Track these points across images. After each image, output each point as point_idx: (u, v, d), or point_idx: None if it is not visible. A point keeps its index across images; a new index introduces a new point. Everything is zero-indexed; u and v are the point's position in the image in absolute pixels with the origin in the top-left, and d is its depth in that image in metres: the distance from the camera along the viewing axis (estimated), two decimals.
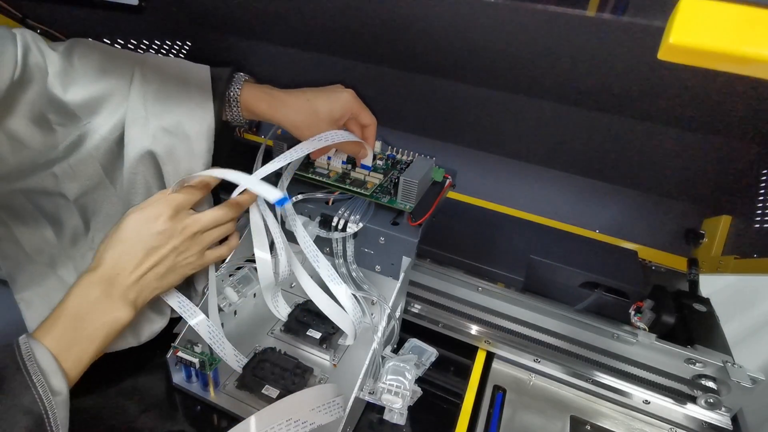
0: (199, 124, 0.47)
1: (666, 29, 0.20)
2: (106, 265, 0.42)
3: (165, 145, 0.47)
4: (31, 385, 0.35)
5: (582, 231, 0.69)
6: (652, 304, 0.55)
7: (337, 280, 0.49)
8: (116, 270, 0.42)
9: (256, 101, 0.49)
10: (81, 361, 0.40)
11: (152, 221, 0.44)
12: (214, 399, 0.48)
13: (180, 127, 0.47)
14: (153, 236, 0.44)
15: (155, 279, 0.44)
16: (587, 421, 0.51)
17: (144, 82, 0.47)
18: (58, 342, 0.39)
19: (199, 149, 0.48)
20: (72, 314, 0.40)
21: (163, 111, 0.47)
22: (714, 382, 0.49)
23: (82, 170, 0.48)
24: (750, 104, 0.48)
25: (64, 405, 0.37)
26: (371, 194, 0.54)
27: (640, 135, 0.60)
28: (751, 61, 0.19)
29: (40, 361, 0.37)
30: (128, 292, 0.43)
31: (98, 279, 0.42)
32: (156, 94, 0.47)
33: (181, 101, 0.47)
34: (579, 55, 0.48)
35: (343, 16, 0.56)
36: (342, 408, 0.43)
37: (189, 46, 0.78)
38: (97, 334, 0.41)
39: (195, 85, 0.48)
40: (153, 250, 0.44)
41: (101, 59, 0.47)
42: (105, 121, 0.47)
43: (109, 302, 0.42)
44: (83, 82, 0.46)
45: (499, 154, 0.71)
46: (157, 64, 0.49)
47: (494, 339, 0.56)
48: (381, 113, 0.55)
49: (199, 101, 0.47)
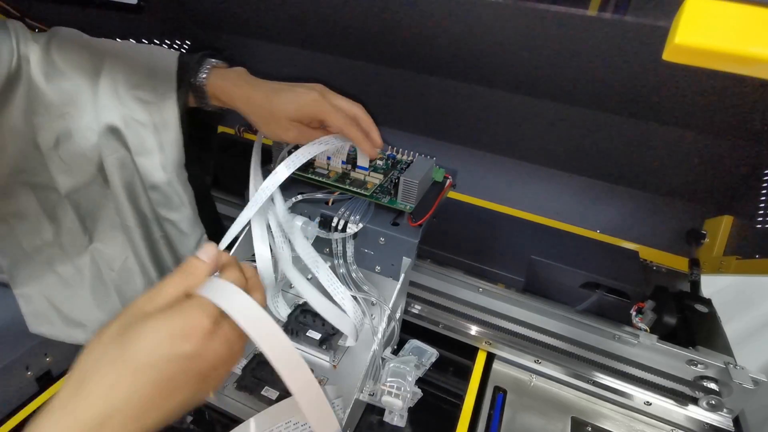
0: (165, 113, 0.47)
1: (671, 29, 0.20)
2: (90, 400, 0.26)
3: (136, 135, 0.47)
4: None
5: (583, 231, 0.69)
6: (654, 305, 0.55)
7: (338, 287, 0.49)
8: (104, 409, 0.26)
9: (221, 91, 0.48)
10: None
11: (180, 340, 0.28)
12: (213, 400, 0.48)
13: (148, 116, 0.47)
14: (176, 361, 0.28)
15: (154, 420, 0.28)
16: (588, 423, 0.51)
17: (113, 71, 0.47)
18: None
19: (168, 139, 0.47)
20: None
21: (131, 100, 0.46)
22: (715, 384, 0.48)
23: (73, 165, 0.47)
24: (753, 104, 0.48)
25: None
26: (371, 194, 0.54)
27: (641, 135, 0.60)
28: (756, 62, 0.19)
29: None
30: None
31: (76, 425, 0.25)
32: (125, 82, 0.47)
33: (148, 90, 0.47)
34: (580, 55, 0.48)
35: (344, 14, 0.56)
36: (342, 410, 0.43)
37: (189, 45, 0.78)
38: None
39: (161, 72, 0.47)
40: (167, 381, 0.28)
41: (77, 51, 0.47)
42: (85, 113, 0.46)
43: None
44: (62, 74, 0.46)
45: (500, 154, 0.71)
46: (127, 51, 0.48)
47: (495, 340, 0.56)
48: (381, 113, 0.55)
49: (163, 90, 0.47)
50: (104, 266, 0.52)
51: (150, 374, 0.27)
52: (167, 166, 0.48)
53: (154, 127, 0.47)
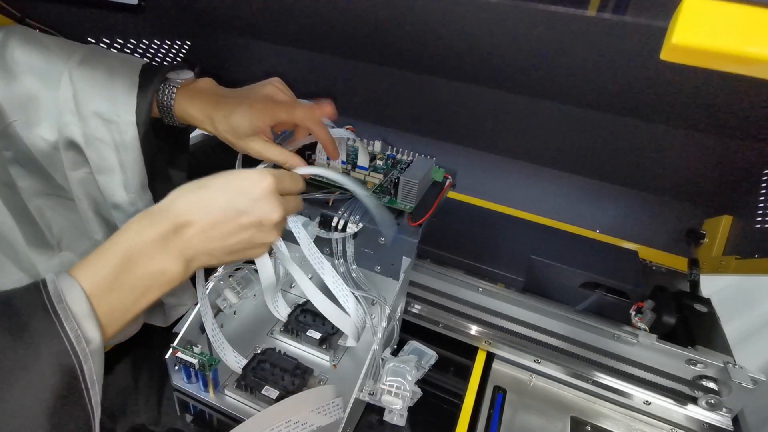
0: (124, 133, 0.45)
1: (668, 29, 0.20)
2: (176, 208, 0.35)
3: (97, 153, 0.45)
4: (60, 332, 0.29)
5: (582, 231, 0.69)
6: (653, 305, 0.55)
7: (343, 288, 0.49)
8: (186, 217, 0.35)
9: (185, 115, 0.47)
10: (114, 311, 0.33)
11: (250, 183, 0.37)
12: (213, 400, 0.48)
13: (108, 134, 0.45)
14: (242, 198, 0.36)
15: (221, 248, 0.37)
16: (588, 422, 0.51)
17: (73, 81, 0.45)
18: (98, 281, 0.32)
19: (128, 159, 0.46)
20: (122, 252, 0.33)
21: (92, 116, 0.45)
22: (715, 383, 0.48)
23: (31, 170, 0.46)
24: (752, 104, 0.48)
25: (99, 355, 0.31)
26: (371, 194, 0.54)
27: (641, 135, 0.60)
28: (754, 62, 0.19)
29: (71, 303, 0.30)
30: (188, 247, 0.35)
31: (163, 220, 0.34)
32: (85, 95, 0.45)
33: (108, 106, 0.45)
34: (579, 55, 0.48)
35: (343, 15, 0.56)
36: (342, 409, 0.43)
37: (188, 45, 0.78)
38: (140, 284, 0.34)
39: (122, 89, 0.45)
40: (235, 215, 0.36)
41: (35, 54, 0.45)
42: (38, 121, 0.45)
43: (163, 250, 0.34)
44: (13, 77, 0.44)
45: (500, 154, 0.71)
46: (89, 60, 0.46)
47: (494, 339, 0.56)
48: (381, 113, 0.55)
49: (124, 110, 0.45)
50: None
51: (224, 200, 0.36)
52: (129, 186, 0.47)
53: (114, 146, 0.45)
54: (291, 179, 0.41)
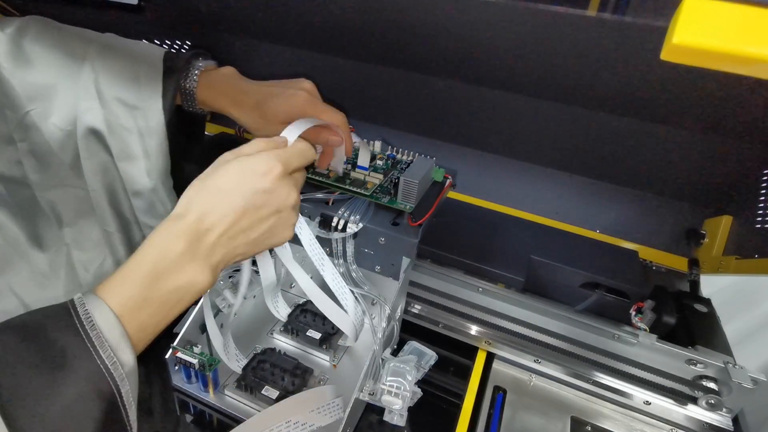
0: (150, 119, 0.45)
1: (669, 29, 0.20)
2: (194, 216, 0.34)
3: (120, 140, 0.45)
4: (96, 359, 0.29)
5: (582, 231, 0.69)
6: (653, 305, 0.55)
7: (343, 286, 0.49)
8: (206, 224, 0.34)
9: (211, 98, 0.47)
10: (145, 328, 0.32)
11: (260, 176, 0.36)
12: (213, 400, 0.48)
13: (132, 121, 0.45)
14: (258, 194, 0.36)
15: (245, 244, 0.37)
16: (588, 422, 0.51)
17: (94, 67, 0.44)
18: (126, 302, 0.31)
19: (153, 145, 0.46)
20: (148, 269, 0.33)
21: (115, 102, 0.44)
22: (715, 383, 0.48)
23: (44, 162, 0.46)
24: (752, 104, 0.48)
25: (134, 375, 0.31)
26: (371, 194, 0.54)
27: (641, 135, 0.60)
28: (754, 62, 0.19)
29: (103, 328, 0.30)
30: (213, 254, 0.35)
31: (185, 230, 0.34)
32: (107, 81, 0.44)
33: (132, 93, 0.45)
34: (579, 55, 0.48)
35: (344, 14, 0.56)
36: (342, 409, 0.43)
37: (188, 45, 0.78)
38: (169, 298, 0.33)
39: (146, 75, 0.45)
40: (253, 210, 0.36)
41: (52, 42, 0.44)
42: (56, 109, 0.44)
43: (191, 261, 0.34)
44: (31, 66, 0.44)
45: (500, 154, 0.71)
46: (110, 47, 0.46)
47: (494, 339, 0.56)
48: (381, 113, 0.55)
49: (149, 94, 0.45)
50: (80, 267, 0.51)
51: (240, 199, 0.35)
52: (152, 172, 0.47)
53: (139, 132, 0.45)
54: (299, 155, 0.40)
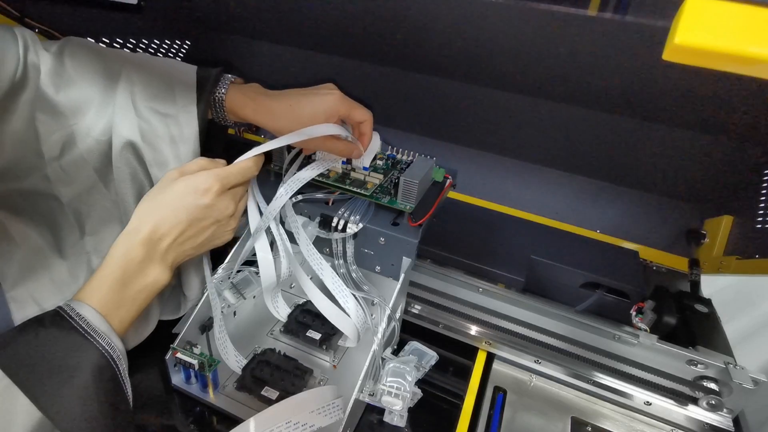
0: (184, 127, 0.48)
1: (671, 29, 0.20)
2: (148, 228, 0.42)
3: (152, 147, 0.47)
4: (97, 346, 0.37)
5: (583, 231, 0.69)
6: (654, 305, 0.55)
7: (343, 290, 0.49)
8: (159, 234, 0.43)
9: (240, 106, 0.50)
10: (124, 323, 0.41)
11: (201, 194, 0.44)
12: (213, 400, 0.48)
13: (165, 128, 0.47)
14: (199, 208, 0.44)
15: (192, 247, 0.46)
16: (588, 423, 0.51)
17: (130, 81, 0.48)
18: (107, 302, 0.40)
19: (185, 151, 0.48)
20: (117, 276, 0.41)
21: (148, 112, 0.47)
22: (716, 384, 0.48)
23: (74, 174, 0.48)
24: (753, 104, 0.48)
25: (125, 357, 0.39)
26: (371, 194, 0.54)
27: (641, 135, 0.60)
28: (756, 62, 0.19)
29: (92, 321, 0.38)
30: (167, 256, 0.44)
31: (141, 241, 0.42)
32: (142, 94, 0.47)
33: (167, 102, 0.48)
34: (580, 55, 0.48)
35: (344, 14, 0.56)
36: (342, 410, 0.43)
37: (188, 45, 0.78)
38: (139, 296, 0.42)
39: (180, 86, 0.48)
40: (196, 221, 0.44)
41: (91, 59, 0.47)
42: (94, 122, 0.47)
43: (151, 264, 0.43)
44: (73, 83, 0.46)
45: (500, 154, 0.71)
46: (143, 63, 0.49)
47: (495, 340, 0.56)
48: (381, 113, 0.55)
49: (184, 103, 0.48)
50: None
51: (184, 214, 0.43)
52: None
53: (170, 139, 0.48)
54: (238, 173, 0.47)
